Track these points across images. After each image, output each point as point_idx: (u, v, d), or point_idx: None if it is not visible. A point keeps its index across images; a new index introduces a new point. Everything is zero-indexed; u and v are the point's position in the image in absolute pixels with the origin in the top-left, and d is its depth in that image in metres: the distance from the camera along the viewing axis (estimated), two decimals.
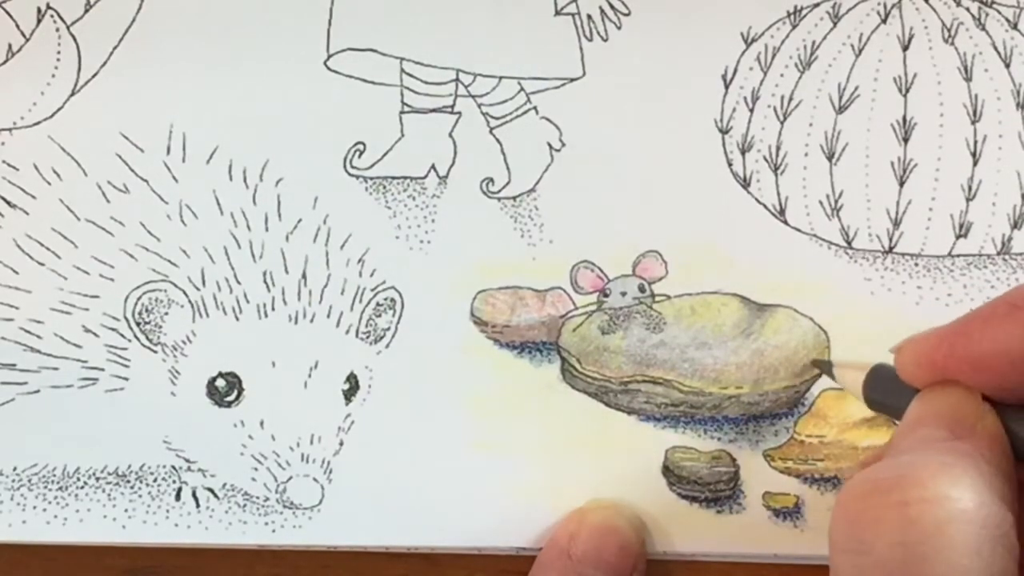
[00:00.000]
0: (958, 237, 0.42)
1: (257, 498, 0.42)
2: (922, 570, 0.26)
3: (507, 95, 0.43)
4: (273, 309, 0.42)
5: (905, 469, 0.27)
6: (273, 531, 0.42)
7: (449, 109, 0.43)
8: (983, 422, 0.29)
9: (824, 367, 0.40)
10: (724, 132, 0.42)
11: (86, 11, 0.43)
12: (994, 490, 0.27)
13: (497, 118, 0.43)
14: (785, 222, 0.42)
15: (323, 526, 0.42)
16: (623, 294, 0.42)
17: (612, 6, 0.43)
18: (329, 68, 0.43)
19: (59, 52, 0.43)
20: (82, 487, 0.42)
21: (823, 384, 0.42)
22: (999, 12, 0.42)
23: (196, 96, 0.43)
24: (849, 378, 0.37)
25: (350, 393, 0.42)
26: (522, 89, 0.43)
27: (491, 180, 0.43)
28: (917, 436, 0.29)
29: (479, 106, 0.43)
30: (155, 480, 0.42)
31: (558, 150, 0.43)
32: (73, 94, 0.43)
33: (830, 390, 0.42)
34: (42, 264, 0.43)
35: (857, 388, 0.35)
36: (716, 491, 0.42)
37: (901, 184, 0.42)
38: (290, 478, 0.42)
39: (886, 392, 0.33)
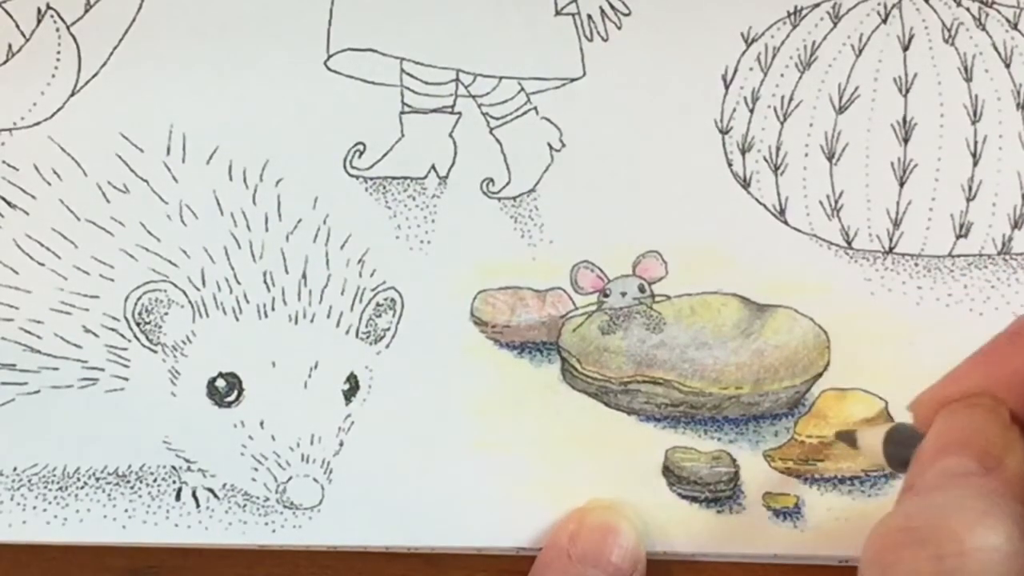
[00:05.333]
0: (958, 237, 0.42)
1: (257, 498, 0.42)
2: None
3: (507, 95, 0.43)
4: (273, 309, 0.42)
5: (938, 518, 0.27)
6: (273, 531, 0.42)
7: (449, 109, 0.43)
8: (1013, 455, 0.28)
9: (847, 437, 0.39)
10: (724, 132, 0.42)
11: (86, 11, 0.43)
12: None
13: (497, 118, 0.43)
14: (785, 222, 0.42)
15: (323, 526, 0.42)
16: (623, 294, 0.42)
17: (612, 6, 0.43)
18: (329, 68, 0.43)
19: (59, 52, 0.43)
20: (82, 487, 0.42)
21: (823, 384, 0.42)
22: (999, 12, 0.42)
23: (196, 96, 0.43)
24: (870, 442, 0.36)
25: (350, 393, 0.42)
26: (522, 89, 0.43)
27: (491, 180, 0.43)
28: (943, 468, 0.29)
29: (479, 106, 0.43)
30: (155, 480, 0.42)
31: (558, 150, 0.43)
32: (73, 94, 0.43)
33: (831, 390, 0.42)
34: (42, 264, 0.43)
35: (877, 451, 0.35)
36: (716, 491, 0.42)
37: (901, 184, 0.42)
38: (290, 478, 0.42)
39: (909, 450, 0.32)
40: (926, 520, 0.27)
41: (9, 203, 0.43)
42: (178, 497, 0.42)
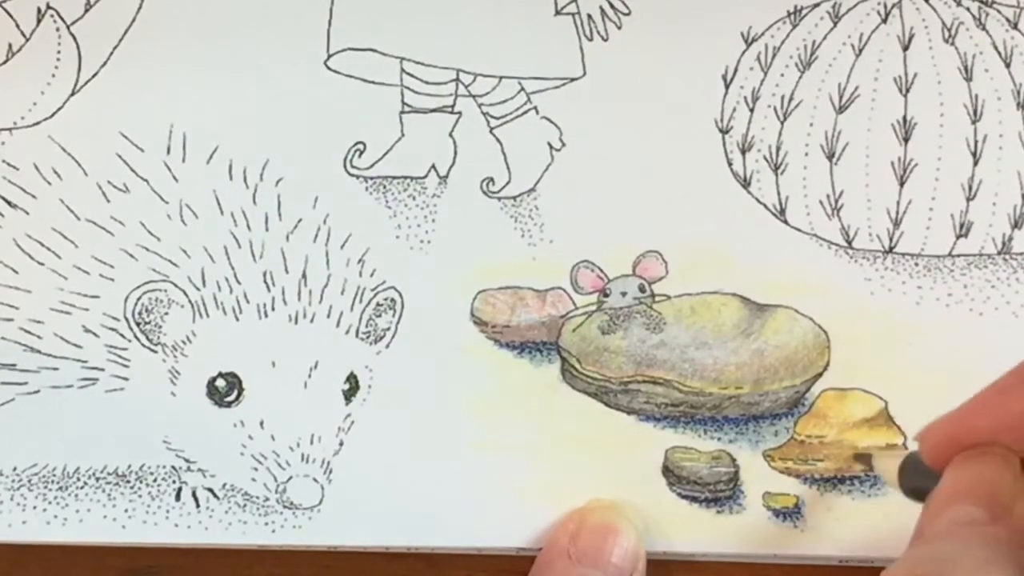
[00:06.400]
0: (958, 237, 0.42)
1: (257, 498, 0.42)
2: None
3: (507, 95, 0.43)
4: (273, 309, 0.42)
5: (941, 566, 0.27)
6: (273, 531, 0.42)
7: (449, 109, 0.43)
8: (1023, 503, 0.28)
9: (864, 459, 0.40)
10: (724, 132, 0.42)
11: (86, 11, 0.43)
12: None
13: (497, 118, 0.43)
14: (785, 222, 0.42)
15: (323, 526, 0.42)
16: (623, 294, 0.42)
17: (612, 6, 0.43)
18: (329, 68, 0.43)
19: (59, 52, 0.43)
20: (82, 487, 0.42)
21: (823, 384, 0.42)
22: (999, 12, 0.42)
23: (196, 96, 0.43)
24: (886, 467, 0.36)
25: (350, 393, 0.42)
26: (522, 89, 0.43)
27: (491, 180, 0.43)
28: (952, 517, 0.29)
29: (479, 106, 0.43)
30: (155, 480, 0.42)
31: (558, 150, 0.43)
32: (73, 94, 0.43)
33: (830, 390, 0.42)
34: (42, 264, 0.43)
35: (893, 477, 0.35)
36: (716, 491, 0.42)
37: (901, 184, 0.42)
38: (290, 478, 0.42)
39: (923, 479, 0.32)
40: (930, 569, 0.27)
41: (9, 203, 0.43)
42: (178, 497, 0.42)
